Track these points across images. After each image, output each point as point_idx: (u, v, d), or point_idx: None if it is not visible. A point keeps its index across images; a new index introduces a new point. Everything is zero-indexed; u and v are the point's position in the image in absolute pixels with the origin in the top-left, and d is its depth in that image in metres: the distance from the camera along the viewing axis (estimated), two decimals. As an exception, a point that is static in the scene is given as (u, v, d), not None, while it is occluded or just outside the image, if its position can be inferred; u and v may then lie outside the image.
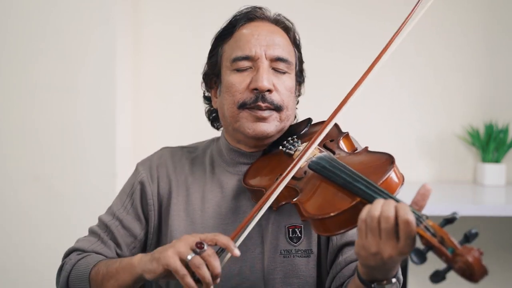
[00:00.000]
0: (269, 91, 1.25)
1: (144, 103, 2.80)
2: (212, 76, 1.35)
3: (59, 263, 1.34)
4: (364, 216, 0.96)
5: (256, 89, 1.24)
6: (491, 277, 0.95)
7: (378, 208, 0.94)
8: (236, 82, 1.26)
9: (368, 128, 2.77)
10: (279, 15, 1.35)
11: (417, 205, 0.96)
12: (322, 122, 1.36)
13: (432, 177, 2.87)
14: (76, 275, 1.25)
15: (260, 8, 1.34)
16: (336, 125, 1.30)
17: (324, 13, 2.82)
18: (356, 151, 1.23)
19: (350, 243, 1.25)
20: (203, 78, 1.39)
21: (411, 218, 0.91)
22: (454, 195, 2.61)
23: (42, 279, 1.32)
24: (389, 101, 2.84)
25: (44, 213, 2.46)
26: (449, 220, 0.93)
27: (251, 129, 1.26)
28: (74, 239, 1.39)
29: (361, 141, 1.35)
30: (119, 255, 1.32)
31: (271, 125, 1.27)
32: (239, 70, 1.27)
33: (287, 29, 1.35)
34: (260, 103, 1.24)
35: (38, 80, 2.45)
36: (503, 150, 2.76)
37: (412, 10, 1.22)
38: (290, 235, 1.26)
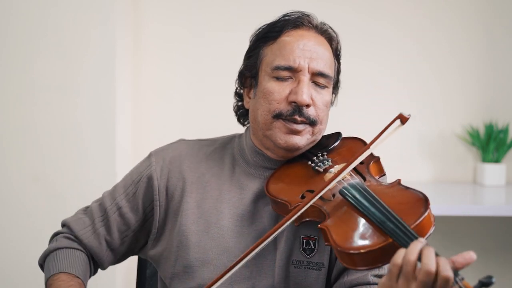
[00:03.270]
0: (307, 105, 1.23)
1: (144, 103, 2.80)
2: (248, 76, 1.32)
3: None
4: (399, 261, 0.93)
5: (294, 102, 1.22)
6: (491, 278, 0.95)
7: (415, 253, 0.92)
8: (275, 91, 1.23)
9: (368, 128, 2.77)
10: (324, 24, 1.33)
11: (455, 264, 0.93)
12: (351, 138, 1.34)
13: (432, 177, 2.87)
14: (46, 266, 1.34)
15: (307, 15, 1.31)
16: None
17: (325, 12, 2.82)
18: (389, 183, 1.20)
19: None
20: (238, 75, 1.35)
21: (451, 275, 0.89)
22: (454, 195, 2.61)
23: (42, 279, 1.32)
24: (389, 101, 2.84)
25: (44, 213, 2.46)
26: (485, 284, 0.91)
27: (283, 140, 1.24)
28: (74, 239, 1.39)
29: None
30: (107, 242, 1.34)
31: (303, 139, 1.25)
32: (279, 79, 1.24)
33: (331, 39, 1.32)
34: (297, 117, 1.22)
35: (38, 80, 2.45)
36: (503, 150, 2.76)
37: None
38: (304, 246, 1.24)
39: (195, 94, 2.82)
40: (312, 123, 1.24)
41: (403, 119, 1.14)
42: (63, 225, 1.40)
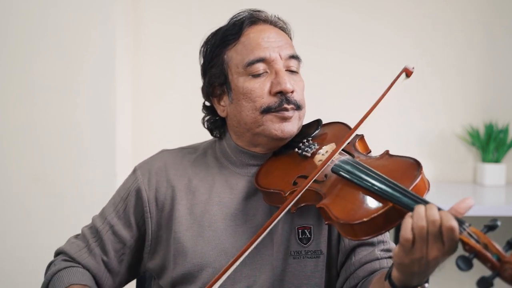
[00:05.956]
0: (292, 91, 1.25)
1: (144, 103, 2.80)
2: (217, 84, 1.31)
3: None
4: (409, 233, 0.94)
5: (280, 92, 1.23)
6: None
7: (423, 217, 0.94)
8: (256, 88, 1.24)
9: (368, 128, 2.76)
10: (275, 16, 1.34)
11: (458, 212, 0.96)
12: (333, 123, 1.35)
13: (432, 177, 2.86)
14: (52, 286, 1.30)
15: (259, 11, 1.33)
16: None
17: (325, 12, 2.82)
18: (378, 155, 1.21)
19: (363, 244, 1.24)
20: (203, 88, 1.36)
21: (455, 224, 0.92)
22: (454, 195, 2.61)
23: (42, 279, 1.33)
24: (389, 101, 2.84)
25: (44, 213, 2.46)
26: (491, 227, 0.94)
27: (278, 130, 1.24)
28: (74, 239, 1.39)
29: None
30: (104, 262, 1.32)
31: (294, 124, 1.26)
32: (255, 76, 1.25)
33: (285, 28, 1.34)
34: (286, 105, 1.24)
35: (38, 80, 2.45)
36: (503, 150, 2.77)
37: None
38: (300, 236, 1.25)
39: (195, 94, 2.81)
40: (298, 107, 1.26)
41: (408, 72, 1.25)
42: (58, 253, 1.37)
